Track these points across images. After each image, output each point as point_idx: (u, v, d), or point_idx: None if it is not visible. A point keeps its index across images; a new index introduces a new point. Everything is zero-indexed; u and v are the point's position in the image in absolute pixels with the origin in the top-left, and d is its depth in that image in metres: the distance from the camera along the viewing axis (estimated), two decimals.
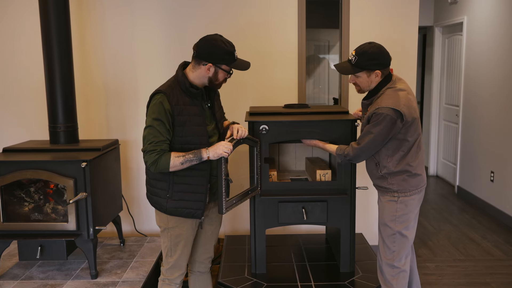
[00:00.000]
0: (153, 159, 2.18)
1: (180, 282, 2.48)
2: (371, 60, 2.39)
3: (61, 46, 3.17)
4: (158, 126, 2.19)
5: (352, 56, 2.45)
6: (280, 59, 3.80)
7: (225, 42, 2.25)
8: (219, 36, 2.26)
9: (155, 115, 2.20)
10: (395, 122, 2.34)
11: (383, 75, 2.45)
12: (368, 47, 2.41)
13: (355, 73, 2.46)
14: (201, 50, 2.23)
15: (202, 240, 2.55)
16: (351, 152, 2.49)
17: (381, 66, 2.41)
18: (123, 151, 3.86)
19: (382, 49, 2.42)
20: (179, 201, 2.30)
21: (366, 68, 2.41)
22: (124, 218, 3.88)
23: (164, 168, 2.19)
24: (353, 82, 2.52)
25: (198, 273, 2.61)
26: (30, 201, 3.09)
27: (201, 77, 2.28)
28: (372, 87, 2.47)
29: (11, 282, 2.99)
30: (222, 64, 2.25)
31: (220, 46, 2.22)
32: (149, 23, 3.77)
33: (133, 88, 3.84)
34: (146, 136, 2.22)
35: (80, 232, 2.99)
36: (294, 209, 3.00)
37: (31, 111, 3.84)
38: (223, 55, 2.23)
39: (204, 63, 2.24)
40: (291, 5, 3.74)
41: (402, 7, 3.75)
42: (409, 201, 2.48)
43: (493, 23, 4.96)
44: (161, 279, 2.47)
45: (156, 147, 2.18)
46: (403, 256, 2.54)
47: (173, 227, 2.37)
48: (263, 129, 2.90)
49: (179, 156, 2.19)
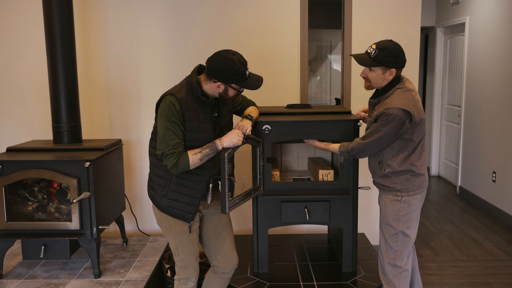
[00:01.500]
0: (173, 162, 2.19)
1: (196, 279, 2.47)
2: (390, 57, 2.37)
3: (65, 46, 3.19)
4: (174, 127, 2.20)
5: (372, 50, 2.41)
6: (282, 60, 3.81)
7: (237, 62, 2.19)
8: (232, 55, 2.21)
9: (169, 117, 2.20)
10: (404, 122, 2.33)
11: (396, 75, 2.43)
12: (390, 44, 2.40)
13: (373, 67, 2.42)
14: (212, 67, 2.21)
15: (214, 242, 2.52)
16: (356, 147, 2.48)
17: (398, 65, 2.40)
18: (126, 151, 3.87)
19: (401, 49, 2.41)
20: (173, 201, 2.32)
21: (384, 64, 2.39)
22: (127, 218, 3.89)
23: (185, 168, 2.21)
24: (364, 76, 2.48)
25: (220, 274, 2.56)
26: (33, 200, 3.10)
27: (212, 91, 2.28)
28: (383, 85, 2.45)
29: (15, 281, 3.00)
30: (232, 83, 2.24)
31: (231, 66, 2.17)
32: (152, 24, 3.78)
33: (136, 88, 3.86)
34: (163, 139, 2.21)
35: (84, 232, 3.00)
36: (297, 209, 3.01)
37: (34, 111, 3.86)
38: (234, 75, 2.20)
39: (215, 81, 2.23)
40: (293, 5, 3.75)
41: (404, 8, 3.75)
42: (412, 200, 2.48)
43: (495, 24, 4.96)
44: (176, 279, 2.48)
45: (175, 150, 2.19)
46: (405, 255, 2.54)
47: (174, 225, 2.38)
48: (265, 129, 2.91)
49: (196, 153, 2.22)
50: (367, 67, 2.45)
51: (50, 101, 3.26)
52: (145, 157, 3.86)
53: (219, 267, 2.54)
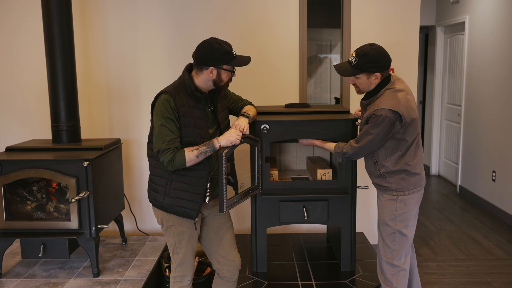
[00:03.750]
0: (169, 158, 2.21)
1: (191, 278, 2.48)
2: (371, 63, 2.38)
3: (64, 46, 3.19)
4: (169, 124, 2.23)
5: (352, 58, 2.43)
6: (281, 59, 3.81)
7: (221, 42, 2.28)
8: (214, 39, 2.30)
9: (164, 114, 2.23)
10: (394, 123, 2.34)
11: (382, 77, 2.44)
12: (369, 49, 2.39)
13: (355, 75, 2.44)
14: (200, 55, 2.28)
15: (216, 244, 2.52)
16: (350, 151, 2.52)
17: (381, 68, 2.40)
18: (125, 150, 3.88)
19: (382, 51, 2.40)
20: (176, 199, 2.32)
21: (366, 70, 2.40)
22: (126, 217, 3.89)
23: (181, 165, 2.22)
24: (353, 83, 2.51)
25: (225, 278, 2.55)
26: (32, 199, 3.11)
27: (205, 81, 2.31)
28: (372, 88, 2.47)
29: (14, 280, 3.01)
30: (223, 64, 2.28)
31: (217, 47, 2.26)
32: (151, 24, 3.78)
33: (135, 88, 3.86)
34: (158, 135, 2.23)
35: (82, 231, 3.01)
36: (295, 208, 3.02)
37: (34, 111, 3.86)
38: (222, 55, 2.26)
39: (206, 68, 2.27)
40: (292, 4, 3.75)
41: (404, 7, 3.75)
42: (408, 199, 2.49)
43: (495, 23, 4.95)
44: (172, 277, 2.48)
45: (170, 146, 2.21)
46: (403, 254, 2.54)
47: (174, 225, 2.39)
48: (264, 129, 2.91)
49: (193, 150, 2.23)
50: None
51: (49, 100, 3.26)
52: (144, 157, 3.86)
53: (222, 271, 2.53)
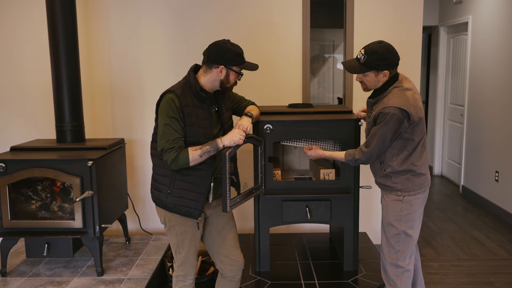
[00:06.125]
0: (172, 157, 2.22)
1: (194, 277, 2.49)
2: (380, 60, 2.36)
3: (68, 46, 3.21)
4: (173, 123, 2.24)
5: (361, 55, 2.41)
6: (284, 59, 3.82)
7: (234, 45, 2.34)
8: (228, 40, 2.37)
9: (169, 113, 2.24)
10: (402, 121, 2.32)
11: (390, 75, 2.42)
12: (378, 47, 2.37)
13: (363, 73, 2.42)
14: (212, 54, 2.31)
15: (218, 244, 2.53)
16: (362, 157, 2.45)
17: (390, 66, 2.38)
18: (129, 150, 3.89)
19: (391, 49, 2.39)
20: (179, 198, 2.33)
21: (375, 68, 2.37)
22: (130, 216, 3.91)
23: (184, 164, 2.24)
24: (360, 80, 2.48)
25: (228, 278, 2.56)
26: (37, 199, 3.13)
27: (212, 80, 2.34)
28: (379, 86, 2.44)
29: (19, 279, 3.03)
30: (233, 65, 2.32)
31: (230, 48, 2.31)
32: (155, 23, 3.80)
33: (139, 88, 3.88)
34: (162, 135, 2.25)
35: (86, 230, 3.02)
36: (298, 208, 3.02)
37: (38, 111, 3.88)
38: (234, 56, 2.31)
39: (216, 66, 2.30)
40: (295, 5, 3.76)
41: (407, 7, 3.75)
42: (413, 200, 2.47)
43: (498, 23, 4.95)
44: (175, 276, 2.49)
45: (174, 145, 2.23)
46: (408, 255, 2.53)
47: (177, 224, 2.40)
48: (267, 129, 2.92)
49: (196, 149, 2.25)
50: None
51: (54, 100, 3.28)
52: (148, 156, 3.88)
53: (225, 271, 2.54)
